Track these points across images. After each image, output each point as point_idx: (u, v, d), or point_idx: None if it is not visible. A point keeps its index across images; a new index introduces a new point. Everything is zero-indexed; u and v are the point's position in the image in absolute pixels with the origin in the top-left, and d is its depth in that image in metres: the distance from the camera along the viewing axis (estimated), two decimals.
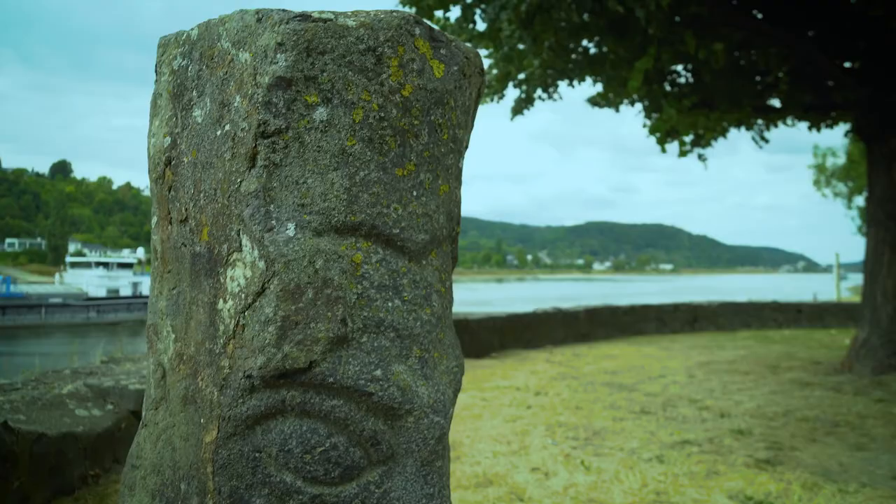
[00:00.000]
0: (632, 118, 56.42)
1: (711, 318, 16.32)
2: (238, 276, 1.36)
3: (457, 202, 1.57)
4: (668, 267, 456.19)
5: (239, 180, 1.37)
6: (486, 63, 11.09)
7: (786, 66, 9.77)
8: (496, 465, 5.03)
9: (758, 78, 10.45)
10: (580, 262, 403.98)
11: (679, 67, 10.63)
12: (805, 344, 13.51)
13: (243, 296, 1.34)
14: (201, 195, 1.43)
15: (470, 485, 4.54)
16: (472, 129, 1.64)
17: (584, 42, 9.98)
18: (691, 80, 10.63)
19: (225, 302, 1.37)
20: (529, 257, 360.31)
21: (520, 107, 11.29)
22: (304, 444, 1.32)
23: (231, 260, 1.38)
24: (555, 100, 11.55)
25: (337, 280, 1.33)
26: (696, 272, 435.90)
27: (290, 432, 1.33)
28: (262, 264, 1.33)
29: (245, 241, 1.36)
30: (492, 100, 11.51)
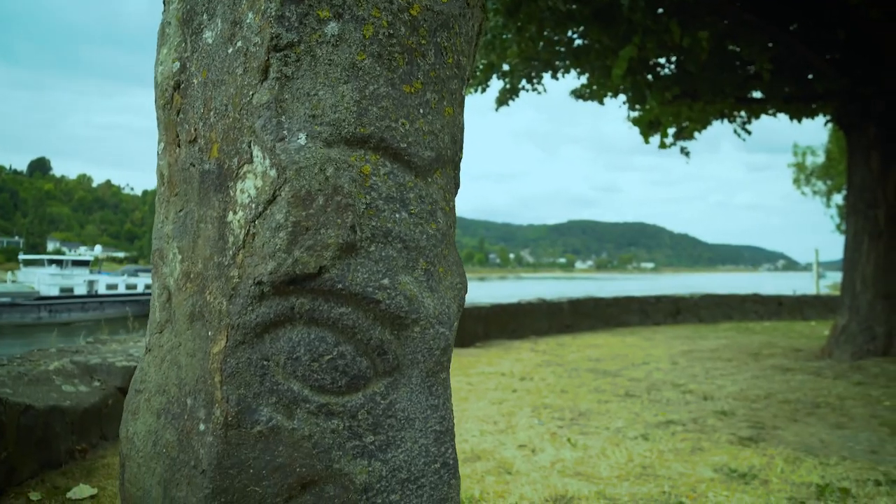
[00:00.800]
0: (615, 117, 56.71)
1: (693, 310, 16.45)
2: (248, 187, 1.38)
3: (460, 128, 1.59)
4: (650, 265, 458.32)
5: (251, 93, 1.39)
6: None
7: (768, 57, 9.87)
8: (483, 442, 5.06)
9: (740, 70, 10.55)
10: (562, 260, 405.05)
11: (663, 60, 10.70)
12: (786, 334, 13.65)
13: (254, 205, 1.36)
14: (211, 113, 1.45)
15: (458, 460, 4.56)
16: (473, 64, 1.67)
17: (570, 33, 10.03)
18: (675, 70, 10.71)
19: (235, 213, 1.39)
20: (512, 256, 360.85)
21: (504, 98, 11.33)
22: (311, 352, 1.34)
23: (242, 173, 1.39)
24: (539, 92, 11.60)
25: (347, 188, 1.35)
26: (678, 271, 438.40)
27: (299, 340, 1.35)
28: (273, 172, 1.35)
29: (256, 151, 1.37)
30: (476, 91, 11.53)
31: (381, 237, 1.38)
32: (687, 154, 12.47)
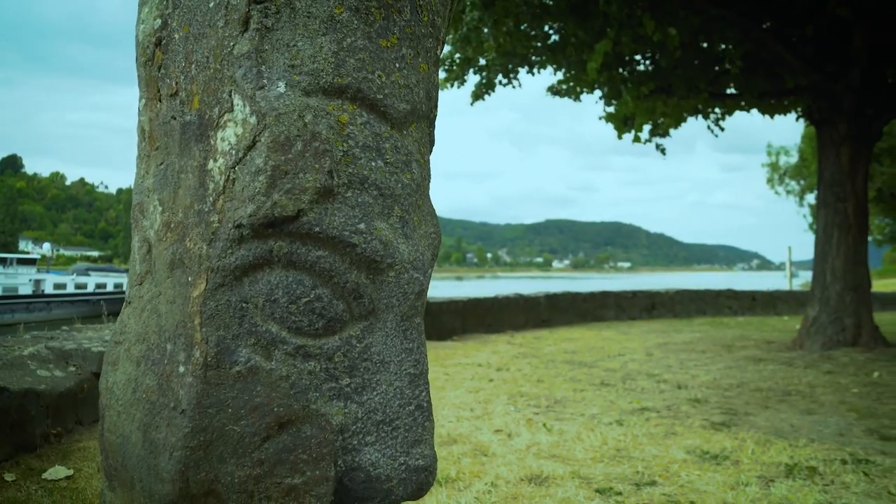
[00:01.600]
0: (592, 117, 56.97)
1: (668, 304, 16.62)
2: (229, 135, 1.41)
3: (435, 86, 1.64)
4: (627, 265, 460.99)
5: (232, 44, 1.43)
6: (446, 48, 11.17)
7: (740, 53, 10.00)
8: (460, 427, 5.10)
9: (717, 67, 10.68)
10: (539, 260, 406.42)
11: (638, 56, 10.81)
12: (759, 328, 13.84)
13: (234, 152, 1.39)
14: (192, 66, 1.48)
15: (435, 444, 4.60)
16: (448, 28, 1.71)
17: (546, 27, 10.11)
18: (650, 66, 10.83)
19: (215, 161, 1.42)
20: (489, 255, 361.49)
21: (480, 92, 11.39)
22: (289, 294, 1.37)
23: (222, 122, 1.43)
24: (514, 87, 11.66)
25: (325, 134, 1.39)
26: (654, 270, 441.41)
27: (277, 283, 1.38)
28: (253, 119, 1.38)
29: (237, 100, 1.41)
30: (452, 85, 11.58)
31: (358, 184, 1.42)
32: (663, 151, 12.60)
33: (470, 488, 3.66)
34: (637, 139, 11.13)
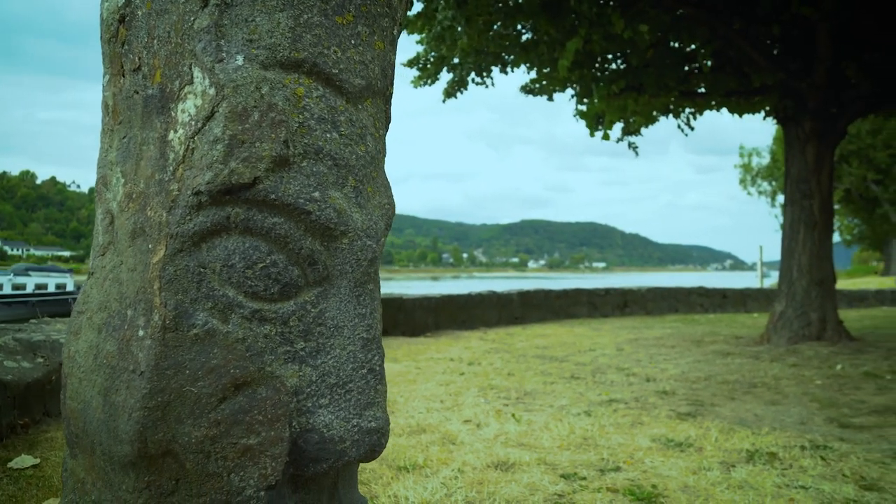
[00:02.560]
0: (567, 118, 57.14)
1: (641, 302, 16.78)
2: (189, 106, 1.45)
3: (391, 64, 1.69)
4: (602, 265, 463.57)
5: (192, 19, 1.47)
6: (419, 47, 11.22)
7: (709, 51, 10.15)
8: (429, 418, 5.15)
9: (686, 66, 10.82)
10: (515, 260, 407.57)
11: (610, 55, 10.92)
12: (728, 325, 14.03)
13: (194, 122, 1.44)
14: (155, 41, 1.52)
15: (403, 433, 4.65)
16: (405, 10, 1.76)
17: (518, 26, 10.19)
18: (621, 64, 10.94)
19: (176, 132, 1.46)
20: (465, 255, 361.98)
21: (452, 90, 11.44)
22: (246, 260, 1.42)
23: (183, 94, 1.47)
24: (487, 86, 11.73)
25: (281, 106, 1.44)
26: (629, 270, 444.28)
27: (234, 248, 1.42)
28: (212, 91, 1.43)
29: (197, 72, 1.45)
30: (426, 83, 11.62)
31: (313, 154, 1.47)
32: (635, 150, 12.74)
33: (437, 474, 3.71)
34: (607, 137, 11.24)
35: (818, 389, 6.56)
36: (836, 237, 55.09)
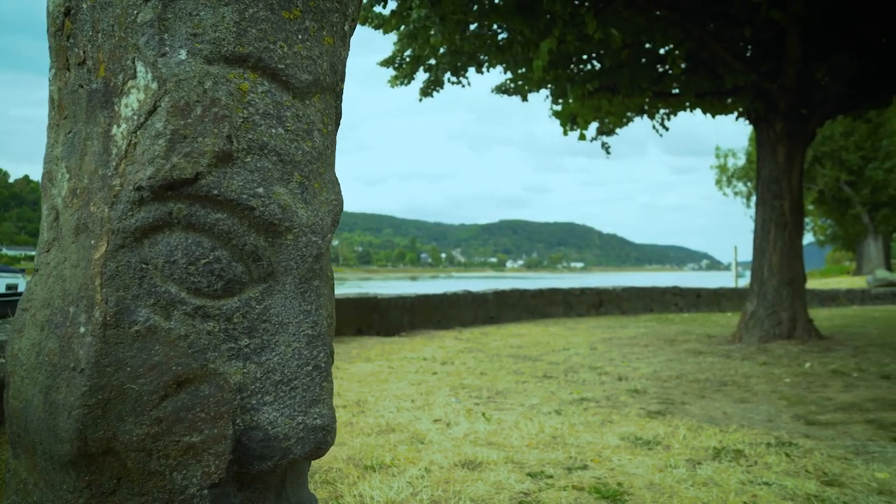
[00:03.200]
0: (545, 118, 57.14)
1: (616, 301, 16.86)
2: (132, 101, 1.44)
3: (341, 60, 1.68)
4: (580, 265, 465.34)
5: (136, 13, 1.45)
6: (393, 46, 11.20)
7: (682, 52, 10.22)
8: (399, 417, 5.14)
9: (660, 67, 10.89)
10: (493, 260, 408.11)
11: (586, 56, 10.97)
12: (702, 324, 14.14)
13: (136, 117, 1.42)
14: (99, 35, 1.50)
15: (373, 432, 4.64)
16: (358, 5, 1.75)
17: (494, 26, 10.20)
18: (595, 65, 11.00)
19: (119, 127, 1.45)
20: (444, 255, 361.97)
21: (428, 89, 11.44)
22: (188, 256, 1.41)
23: (126, 88, 1.45)
24: (463, 85, 11.75)
25: (224, 100, 1.43)
26: (606, 270, 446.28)
27: (176, 245, 1.41)
28: (154, 85, 1.42)
29: (140, 67, 1.44)
30: (402, 83, 11.62)
31: (258, 149, 1.46)
32: (607, 150, 12.81)
33: (404, 474, 3.70)
34: (583, 137, 11.29)
35: (787, 387, 6.63)
36: (810, 238, 55.83)
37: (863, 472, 3.78)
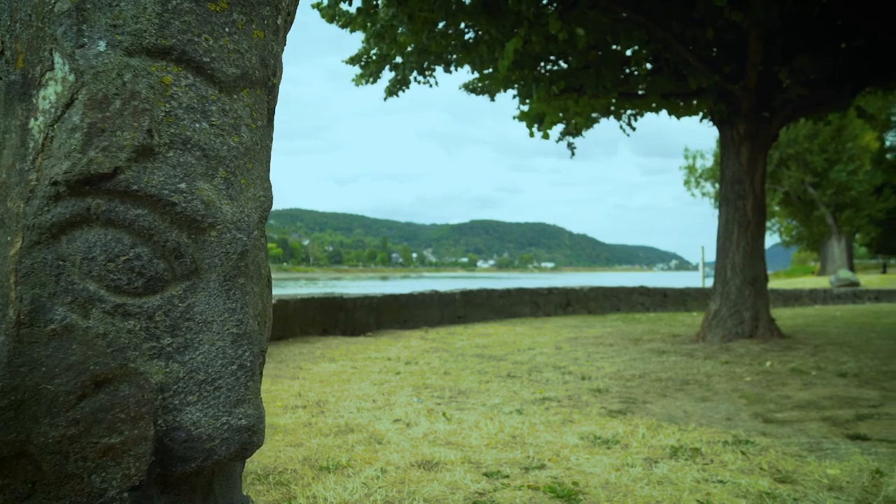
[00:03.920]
0: (516, 119, 57.15)
1: (583, 301, 16.94)
2: (50, 93, 1.40)
3: (273, 54, 1.65)
4: (550, 265, 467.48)
5: (54, 2, 1.42)
6: (360, 45, 11.16)
7: (647, 53, 10.30)
8: (359, 417, 5.11)
9: (626, 68, 10.95)
10: (465, 260, 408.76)
11: (553, 56, 11.00)
12: (668, 323, 14.26)
13: (53, 110, 1.39)
14: (17, 24, 1.46)
15: (331, 433, 4.60)
16: (296, 0, 1.72)
17: (461, 25, 10.19)
18: (562, 65, 11.04)
19: (36, 120, 1.41)
20: (415, 255, 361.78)
21: (394, 88, 11.41)
22: (107, 252, 1.37)
23: (44, 80, 1.42)
24: (430, 84, 11.74)
25: (145, 94, 1.39)
26: (577, 270, 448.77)
27: (95, 241, 1.37)
28: (72, 77, 1.38)
29: (57, 58, 1.40)
30: (367, 81, 11.58)
31: (180, 144, 1.43)
32: (573, 150, 12.87)
33: (359, 474, 3.67)
34: (546, 136, 11.33)
35: (747, 386, 6.70)
36: (776, 238, 56.57)
37: (815, 469, 3.83)
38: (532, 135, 11.35)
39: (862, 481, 3.60)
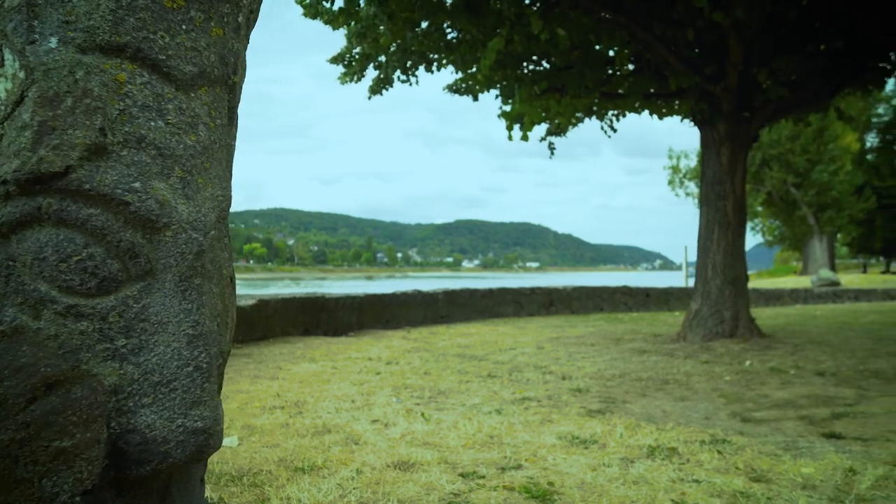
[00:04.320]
0: (501, 119, 57.17)
1: (566, 301, 16.98)
2: (0, 90, 1.37)
3: (232, 51, 1.63)
4: (535, 265, 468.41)
5: None
6: (343, 42, 11.14)
7: (629, 54, 10.32)
8: (337, 418, 5.08)
9: (609, 68, 10.98)
10: (450, 259, 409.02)
11: (535, 56, 11.01)
12: (650, 323, 14.31)
13: (3, 107, 1.36)
14: None
15: (308, 433, 4.57)
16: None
17: (444, 25, 10.18)
18: (544, 65, 11.05)
19: None
20: (400, 255, 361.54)
21: (377, 87, 11.39)
22: (59, 252, 1.35)
23: None
24: (411, 84, 11.72)
25: (97, 92, 1.37)
26: (562, 269, 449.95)
27: (46, 241, 1.35)
28: (22, 74, 1.36)
29: (7, 54, 1.38)
30: (351, 80, 11.55)
31: (134, 143, 1.41)
32: (552, 149, 12.91)
33: (334, 475, 3.65)
34: (526, 137, 11.34)
35: (726, 385, 6.73)
36: (759, 238, 56.95)
37: (790, 468, 3.84)
38: (511, 137, 11.36)
39: (835, 480, 3.62)
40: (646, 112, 11.72)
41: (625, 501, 3.34)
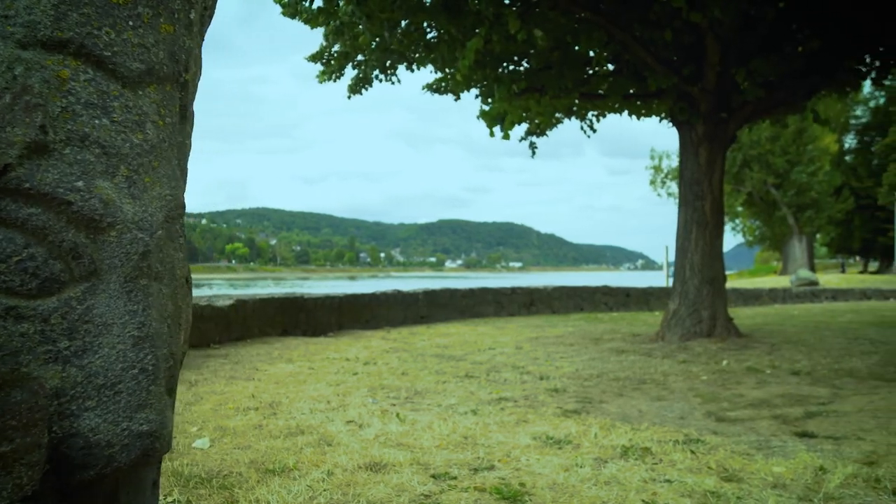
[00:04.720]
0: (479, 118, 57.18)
1: (546, 301, 17.00)
2: None
3: (184, 48, 1.60)
4: (518, 265, 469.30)
5: None
6: (321, 41, 11.09)
7: (608, 54, 10.35)
8: (311, 419, 5.05)
9: (587, 66, 11.00)
10: (433, 259, 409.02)
11: (516, 56, 11.02)
12: (629, 322, 14.36)
13: None
14: None
15: (281, 435, 4.54)
16: None
17: (423, 24, 10.16)
18: (524, 65, 11.06)
19: None
20: (383, 255, 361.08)
21: (357, 86, 11.36)
22: None
23: None
24: (392, 83, 11.70)
25: (38, 88, 1.34)
26: (545, 269, 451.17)
27: None
28: None
29: None
30: (330, 79, 11.51)
31: (78, 141, 1.38)
32: (534, 149, 12.92)
33: (305, 477, 3.62)
34: (507, 136, 11.35)
35: (703, 385, 6.75)
36: (739, 238, 57.34)
37: (762, 467, 3.85)
38: (492, 135, 11.36)
39: (805, 479, 3.63)
40: (626, 112, 11.76)
41: (596, 502, 3.33)
